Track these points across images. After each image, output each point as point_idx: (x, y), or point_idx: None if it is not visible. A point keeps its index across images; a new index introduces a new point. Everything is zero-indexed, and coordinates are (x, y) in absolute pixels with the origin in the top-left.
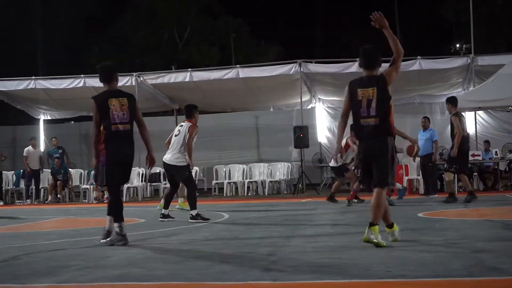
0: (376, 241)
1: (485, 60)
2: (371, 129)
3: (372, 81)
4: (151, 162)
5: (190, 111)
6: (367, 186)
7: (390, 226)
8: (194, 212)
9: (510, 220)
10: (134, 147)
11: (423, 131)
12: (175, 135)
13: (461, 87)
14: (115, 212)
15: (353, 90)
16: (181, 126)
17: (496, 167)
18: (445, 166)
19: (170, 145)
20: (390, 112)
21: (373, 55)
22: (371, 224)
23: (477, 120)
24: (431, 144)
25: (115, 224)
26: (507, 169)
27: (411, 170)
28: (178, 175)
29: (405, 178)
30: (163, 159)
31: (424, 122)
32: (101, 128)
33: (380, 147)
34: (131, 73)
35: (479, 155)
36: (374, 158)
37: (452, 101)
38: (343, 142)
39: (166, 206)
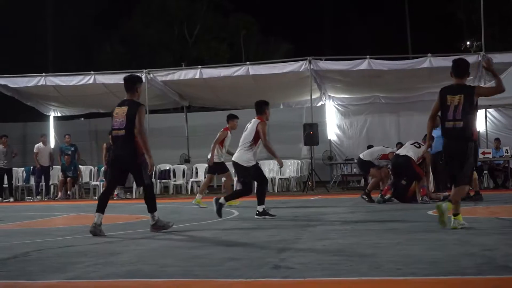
0: (461, 227)
1: (496, 58)
2: (457, 132)
3: (460, 89)
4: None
5: (261, 107)
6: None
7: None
8: (260, 208)
9: None
10: (131, 151)
11: (434, 129)
12: (244, 131)
13: (472, 85)
14: (99, 203)
15: (443, 96)
16: (250, 123)
17: (507, 165)
18: None
19: (240, 143)
20: (473, 118)
21: (463, 65)
22: (455, 215)
23: (487, 118)
24: (442, 142)
25: (96, 214)
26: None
27: None
28: (239, 174)
29: None
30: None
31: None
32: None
33: (462, 148)
34: (141, 70)
35: (489, 153)
36: (456, 158)
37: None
38: (385, 151)
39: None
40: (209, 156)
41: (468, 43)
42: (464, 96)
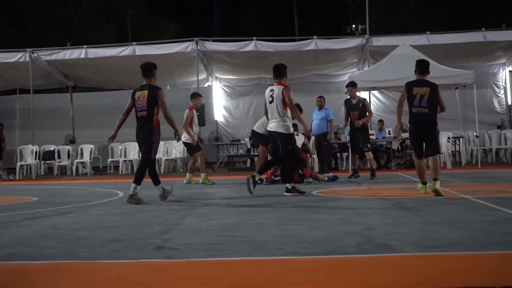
0: (440, 190)
1: (380, 41)
2: (423, 116)
3: (426, 83)
4: (178, 138)
5: (281, 71)
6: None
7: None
8: (290, 185)
9: (401, 198)
10: (149, 129)
11: (318, 110)
12: (269, 102)
13: (356, 67)
14: (138, 177)
15: (410, 88)
16: (272, 90)
17: (389, 146)
18: (365, 145)
19: (270, 114)
20: (436, 107)
21: (425, 65)
22: (435, 179)
23: (371, 100)
24: (326, 123)
25: (132, 185)
26: (399, 148)
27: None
28: (283, 143)
29: None
30: (268, 128)
31: (320, 101)
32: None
33: (430, 130)
34: (25, 49)
35: (373, 134)
36: (427, 137)
37: (354, 85)
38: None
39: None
40: (183, 139)
41: (354, 26)
42: (430, 89)
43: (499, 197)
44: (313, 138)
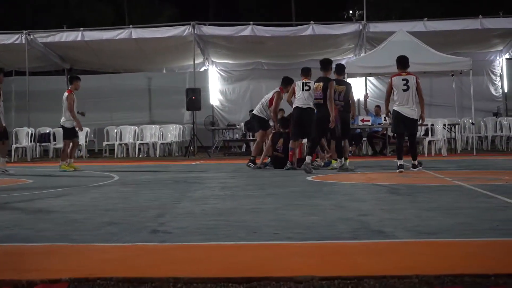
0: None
1: (377, 27)
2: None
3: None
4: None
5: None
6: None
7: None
8: (416, 162)
9: (396, 185)
10: (327, 113)
11: None
12: (403, 90)
13: (353, 53)
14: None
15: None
16: (405, 79)
17: (385, 132)
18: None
19: (405, 100)
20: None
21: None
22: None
23: (367, 86)
24: None
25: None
26: (395, 135)
27: None
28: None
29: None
30: (404, 113)
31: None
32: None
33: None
34: (21, 31)
35: (368, 121)
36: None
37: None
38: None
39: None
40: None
41: (351, 11)
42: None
43: (494, 184)
44: None
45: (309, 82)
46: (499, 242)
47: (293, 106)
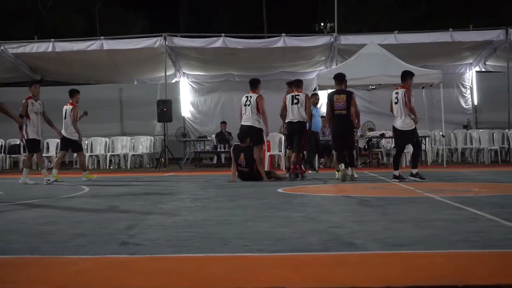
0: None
1: (348, 40)
2: (342, 119)
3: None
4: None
5: (342, 78)
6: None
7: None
8: (414, 171)
9: (366, 196)
10: (350, 125)
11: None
12: (395, 103)
13: (324, 65)
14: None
15: (331, 97)
16: (397, 93)
17: (356, 144)
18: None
19: (395, 113)
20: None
21: (342, 77)
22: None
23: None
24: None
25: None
26: (366, 146)
27: (273, 146)
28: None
29: (267, 154)
30: (398, 127)
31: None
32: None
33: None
34: None
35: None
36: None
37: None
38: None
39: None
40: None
41: (322, 24)
42: (347, 97)
43: (464, 196)
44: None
45: (298, 95)
46: (468, 253)
47: (286, 121)
